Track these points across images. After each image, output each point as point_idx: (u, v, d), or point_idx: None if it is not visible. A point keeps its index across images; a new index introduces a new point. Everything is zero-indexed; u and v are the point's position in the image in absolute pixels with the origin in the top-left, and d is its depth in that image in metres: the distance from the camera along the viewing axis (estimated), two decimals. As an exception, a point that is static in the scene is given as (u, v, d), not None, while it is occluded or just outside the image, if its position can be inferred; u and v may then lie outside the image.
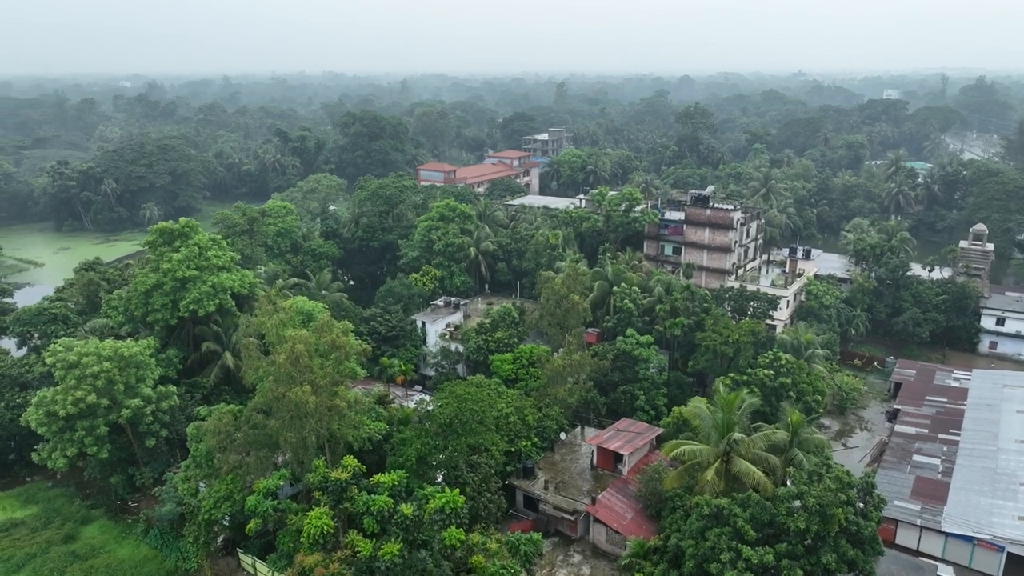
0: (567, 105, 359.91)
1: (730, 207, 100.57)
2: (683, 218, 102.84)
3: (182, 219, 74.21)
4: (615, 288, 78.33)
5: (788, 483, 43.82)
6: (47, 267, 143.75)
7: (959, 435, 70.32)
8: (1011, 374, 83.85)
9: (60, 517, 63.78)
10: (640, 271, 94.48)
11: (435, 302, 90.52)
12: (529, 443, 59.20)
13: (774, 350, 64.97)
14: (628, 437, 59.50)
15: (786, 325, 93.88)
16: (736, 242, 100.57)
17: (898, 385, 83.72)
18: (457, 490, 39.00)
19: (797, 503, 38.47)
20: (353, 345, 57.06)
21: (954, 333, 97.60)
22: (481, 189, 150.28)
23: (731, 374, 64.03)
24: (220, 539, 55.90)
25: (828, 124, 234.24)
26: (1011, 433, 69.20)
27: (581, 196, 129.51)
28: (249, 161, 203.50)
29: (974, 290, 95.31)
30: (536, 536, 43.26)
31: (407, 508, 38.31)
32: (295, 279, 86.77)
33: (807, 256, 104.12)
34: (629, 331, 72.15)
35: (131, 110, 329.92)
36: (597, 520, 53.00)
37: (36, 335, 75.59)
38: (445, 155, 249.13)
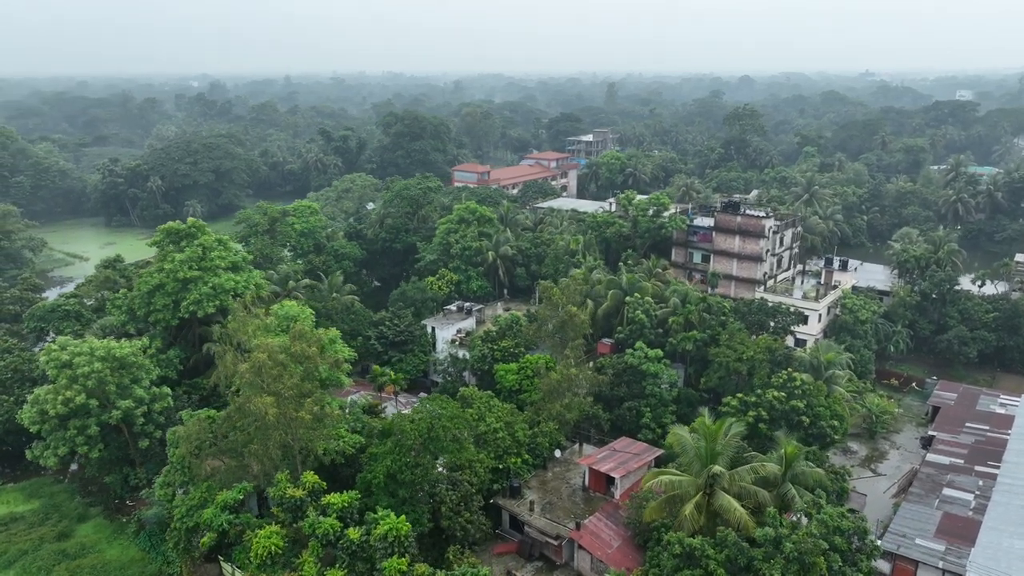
0: (618, 106, 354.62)
1: (762, 214, 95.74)
2: (712, 225, 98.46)
3: (190, 219, 74.16)
4: (627, 298, 74.93)
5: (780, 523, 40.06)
6: (91, 261, 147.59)
7: (999, 468, 64.62)
8: (1065, 402, 77.00)
9: (58, 514, 64.28)
10: (663, 279, 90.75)
11: (448, 307, 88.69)
12: (519, 460, 56.60)
13: (788, 370, 60.66)
14: (623, 458, 56.27)
15: (817, 340, 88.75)
16: (768, 251, 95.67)
17: (936, 409, 77.79)
18: (403, 517, 36.77)
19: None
20: (340, 352, 55.67)
21: (1006, 354, 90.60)
22: (515, 191, 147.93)
23: (739, 394, 60.06)
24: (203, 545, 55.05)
25: (886, 127, 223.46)
26: (1056, 468, 63.17)
27: (610, 200, 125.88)
28: (293, 160, 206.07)
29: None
30: (484, 571, 40.54)
31: (354, 533, 36.29)
32: (307, 280, 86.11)
33: (844, 267, 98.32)
34: (638, 344, 68.72)
35: (190, 109, 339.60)
36: (581, 546, 50.05)
37: (50, 331, 76.78)
38: (489, 156, 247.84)
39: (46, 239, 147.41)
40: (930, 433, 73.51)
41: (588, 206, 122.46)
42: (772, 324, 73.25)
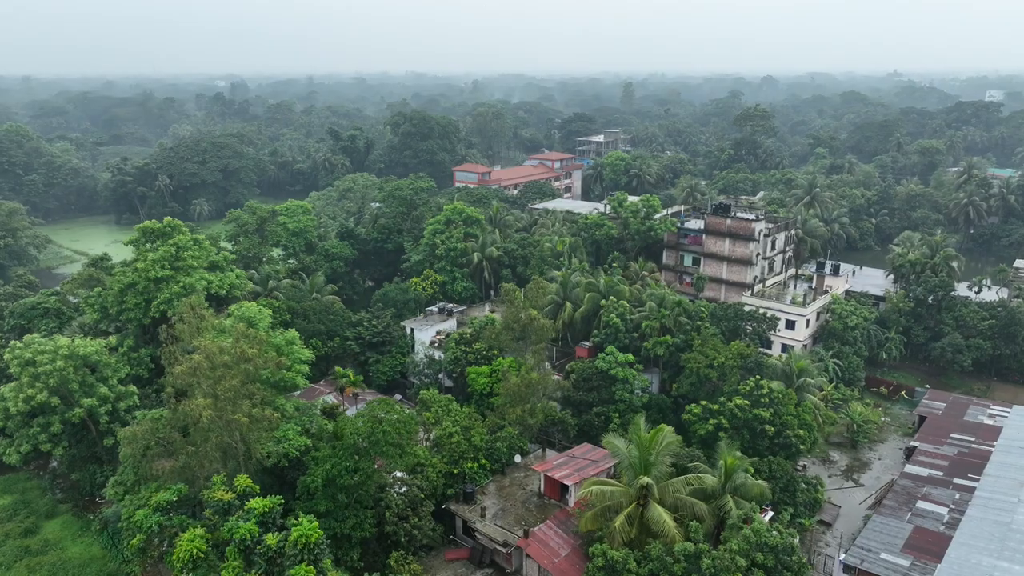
0: (634, 106, 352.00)
1: (751, 216, 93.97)
2: (702, 227, 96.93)
3: (166, 219, 74.57)
4: (602, 301, 73.85)
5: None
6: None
7: (979, 481, 62.59)
8: (1057, 413, 74.42)
9: (27, 510, 64.78)
10: (648, 282, 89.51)
11: (430, 308, 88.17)
12: (476, 465, 55.90)
13: (756, 377, 59.18)
14: (580, 465, 55.29)
15: (805, 347, 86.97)
16: (758, 254, 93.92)
17: (923, 419, 75.77)
18: (316, 523, 36.23)
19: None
20: (298, 354, 55.42)
21: (1002, 363, 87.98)
22: (515, 191, 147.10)
23: (703, 402, 58.75)
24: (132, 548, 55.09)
25: (902, 128, 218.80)
26: (1039, 482, 60.96)
27: (605, 201, 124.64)
28: (302, 159, 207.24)
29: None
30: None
31: (271, 539, 35.89)
32: (289, 280, 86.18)
33: (835, 272, 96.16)
34: (609, 348, 67.63)
35: (209, 108, 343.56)
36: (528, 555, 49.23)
37: (33, 328, 77.59)
38: (500, 156, 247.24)
39: (55, 236, 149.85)
40: (912, 443, 71.57)
41: (583, 207, 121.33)
42: (749, 329, 71.61)
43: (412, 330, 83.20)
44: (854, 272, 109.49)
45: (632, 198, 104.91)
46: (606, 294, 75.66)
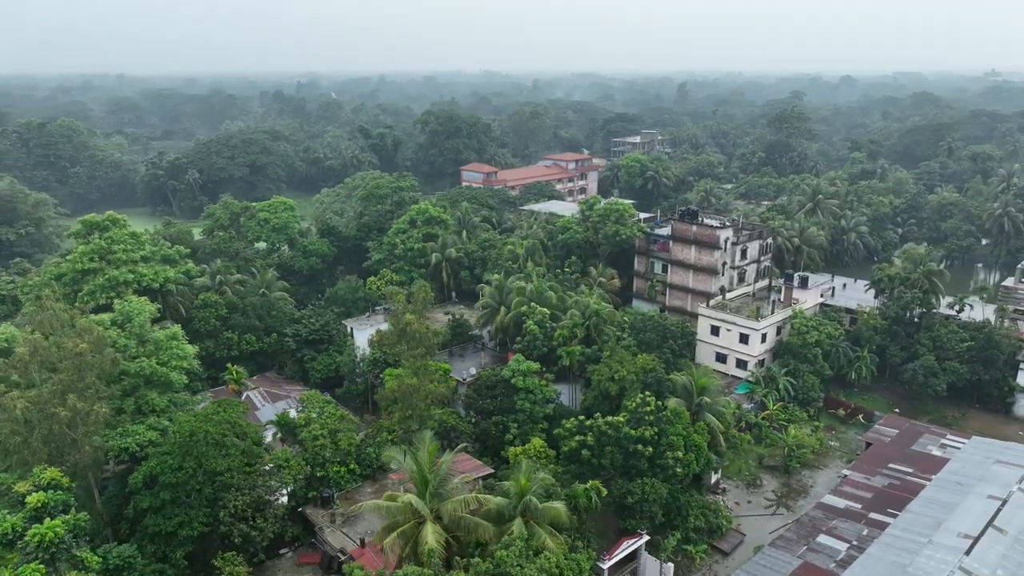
0: (689, 106, 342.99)
1: (717, 223, 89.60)
2: (669, 234, 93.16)
3: (107, 212, 77.07)
4: (523, 308, 71.86)
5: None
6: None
7: (896, 516, 57.63)
8: (1018, 448, 67.65)
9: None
10: (601, 289, 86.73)
11: (376, 308, 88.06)
12: (343, 469, 55.29)
13: (645, 394, 56.06)
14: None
15: (762, 363, 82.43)
16: (724, 263, 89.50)
17: (869, 445, 70.44)
18: (58, 521, 36.30)
19: None
20: (179, 350, 56.14)
21: (983, 389, 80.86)
22: (515, 192, 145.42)
23: (581, 417, 56.16)
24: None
25: (955, 132, 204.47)
26: (961, 523, 55.37)
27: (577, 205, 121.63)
28: (333, 157, 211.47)
29: (1007, 338, 78.07)
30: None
31: (36, 530, 36.30)
32: (239, 276, 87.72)
33: (803, 284, 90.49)
34: (516, 356, 65.75)
35: (269, 106, 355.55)
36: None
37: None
38: (536, 155, 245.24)
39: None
40: (843, 472, 66.61)
41: (570, 209, 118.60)
42: (671, 344, 68.12)
43: (352, 329, 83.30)
44: (844, 285, 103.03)
45: (604, 201, 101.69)
46: (531, 300, 73.56)
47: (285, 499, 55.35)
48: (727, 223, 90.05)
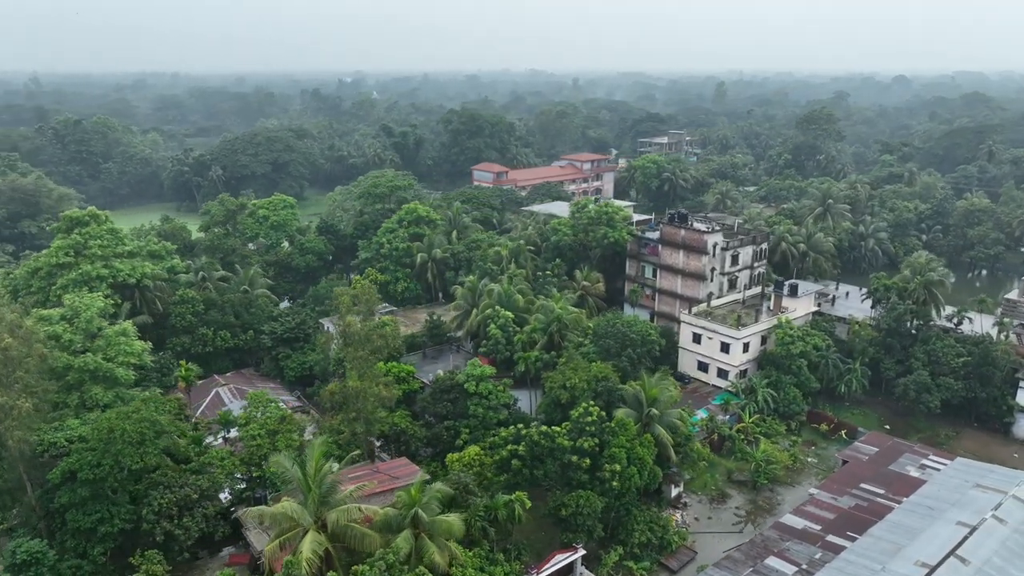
0: (726, 106, 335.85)
1: (706, 227, 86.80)
2: (658, 238, 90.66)
3: (90, 208, 78.57)
4: (487, 311, 70.62)
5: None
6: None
7: (854, 540, 54.65)
8: (1002, 471, 63.54)
9: None
10: (588, 292, 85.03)
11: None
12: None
13: (588, 403, 54.26)
14: (380, 479, 53.08)
15: (744, 373, 79.53)
16: (713, 268, 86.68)
17: (845, 463, 67.16)
18: None
19: None
20: (128, 345, 56.68)
21: (980, 407, 76.43)
22: (523, 192, 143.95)
23: (515, 426, 54.61)
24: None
25: (998, 134, 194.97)
26: (923, 550, 52.11)
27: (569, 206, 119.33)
28: (357, 155, 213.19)
29: (1005, 354, 73.50)
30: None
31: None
32: (222, 272, 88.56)
33: (793, 293, 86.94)
34: (473, 361, 64.59)
35: (307, 104, 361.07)
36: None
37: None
38: (562, 155, 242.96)
39: (116, 221, 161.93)
40: (811, 491, 63.54)
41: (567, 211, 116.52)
42: (630, 352, 65.96)
43: (329, 327, 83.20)
44: (848, 294, 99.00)
45: (594, 204, 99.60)
46: (497, 303, 72.26)
47: (228, 498, 55.47)
48: (716, 227, 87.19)
